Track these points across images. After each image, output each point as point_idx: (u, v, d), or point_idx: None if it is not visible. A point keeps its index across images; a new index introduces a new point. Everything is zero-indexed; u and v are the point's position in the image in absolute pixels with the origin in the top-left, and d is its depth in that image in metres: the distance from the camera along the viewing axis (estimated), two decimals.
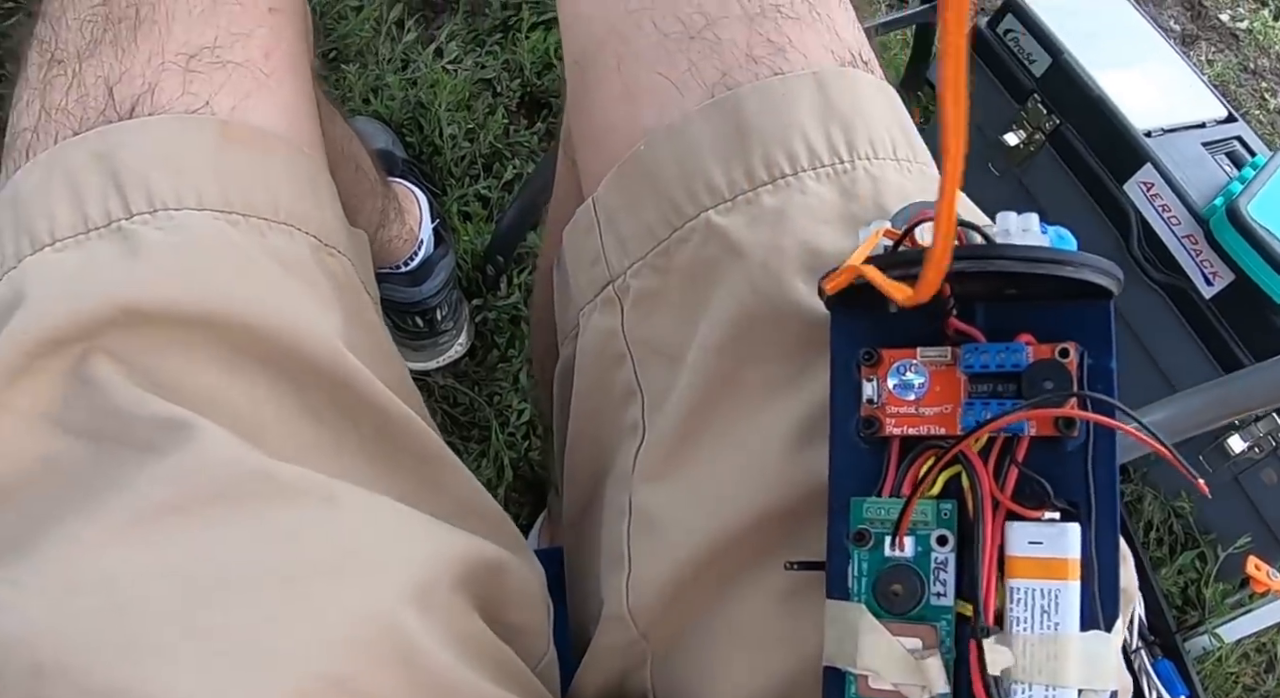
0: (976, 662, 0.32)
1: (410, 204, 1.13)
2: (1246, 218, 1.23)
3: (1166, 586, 1.38)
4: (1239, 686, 1.36)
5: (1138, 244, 1.33)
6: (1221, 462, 1.32)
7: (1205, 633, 1.31)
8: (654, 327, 0.47)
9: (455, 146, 1.35)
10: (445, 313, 1.18)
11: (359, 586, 0.39)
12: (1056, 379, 0.32)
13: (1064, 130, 1.39)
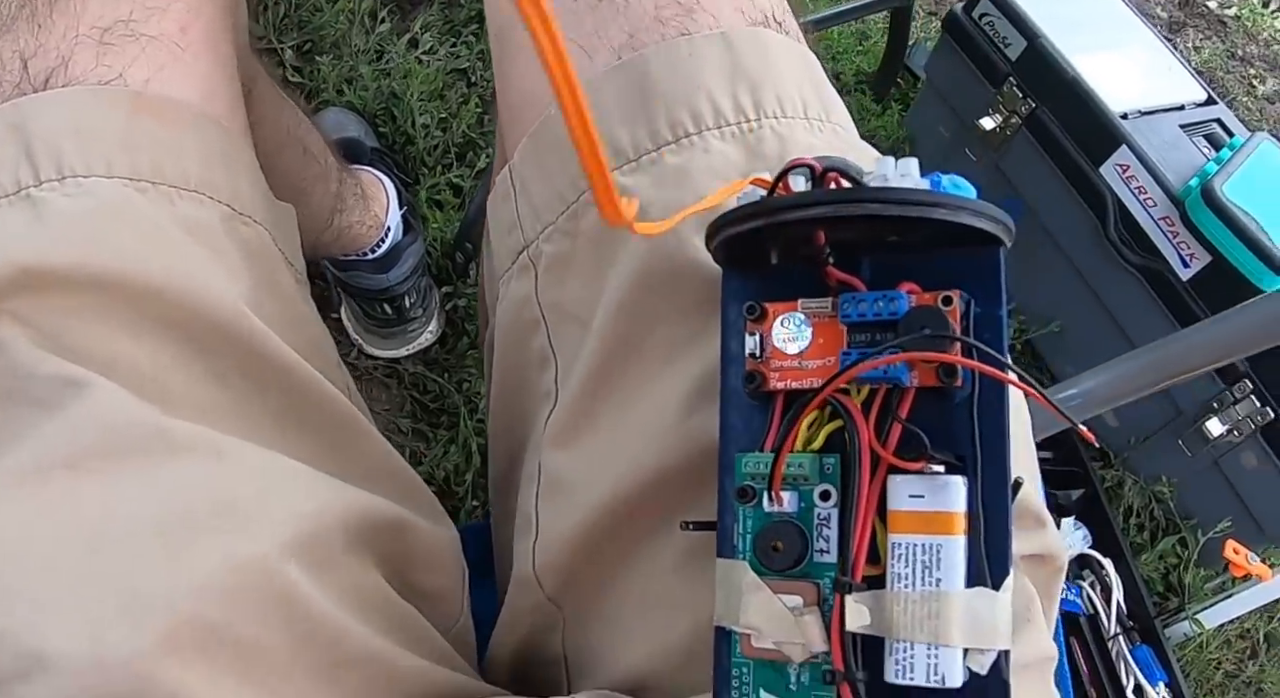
0: (837, 619, 0.31)
1: (376, 191, 1.13)
2: (1222, 199, 1.22)
3: (1147, 571, 1.37)
4: (1220, 672, 1.35)
5: (1114, 227, 1.32)
6: (1201, 445, 1.31)
7: (1186, 619, 1.30)
8: (565, 291, 0.47)
9: (428, 136, 1.35)
10: (414, 300, 1.17)
11: (239, 536, 0.38)
12: (934, 326, 0.31)
13: (1040, 114, 1.38)
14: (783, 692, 0.34)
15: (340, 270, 1.13)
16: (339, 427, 0.49)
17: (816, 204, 0.31)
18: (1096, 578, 1.28)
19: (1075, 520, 1.31)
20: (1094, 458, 1.43)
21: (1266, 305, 0.59)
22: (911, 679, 0.31)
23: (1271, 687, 1.36)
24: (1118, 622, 1.24)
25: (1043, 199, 1.41)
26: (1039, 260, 1.45)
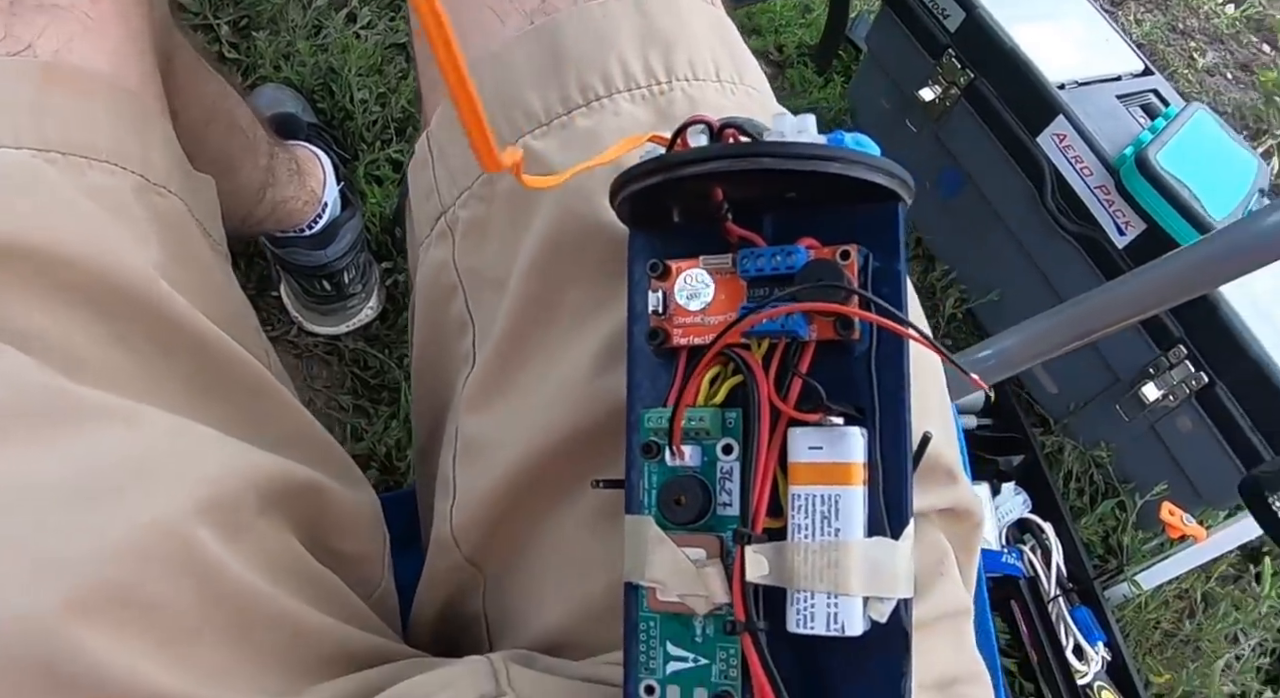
0: (738, 570, 0.31)
1: (312, 167, 1.11)
2: (1155, 167, 1.24)
3: (1087, 535, 1.39)
4: (1159, 630, 1.38)
5: (1051, 196, 1.33)
6: (1138, 410, 1.34)
7: (1125, 581, 1.33)
8: (482, 256, 0.47)
9: (366, 111, 1.33)
10: (353, 276, 1.16)
11: (148, 499, 0.38)
12: (829, 279, 0.32)
13: (978, 84, 1.39)
14: (689, 644, 0.34)
15: (278, 247, 1.12)
16: (253, 393, 0.48)
17: (712, 159, 0.31)
18: (1037, 542, 1.30)
19: (1015, 486, 1.33)
20: (1034, 424, 1.45)
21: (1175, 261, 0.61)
22: (812, 629, 0.31)
23: (1209, 644, 1.39)
24: (1057, 584, 1.26)
25: (982, 169, 1.43)
26: (978, 230, 1.47)
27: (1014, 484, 1.33)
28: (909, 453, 0.33)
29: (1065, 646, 1.22)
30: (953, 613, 0.43)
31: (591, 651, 0.41)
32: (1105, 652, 1.25)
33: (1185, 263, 0.60)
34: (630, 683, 0.35)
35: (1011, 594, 1.25)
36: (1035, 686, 1.21)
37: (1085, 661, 1.22)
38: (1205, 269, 0.58)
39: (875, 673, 0.32)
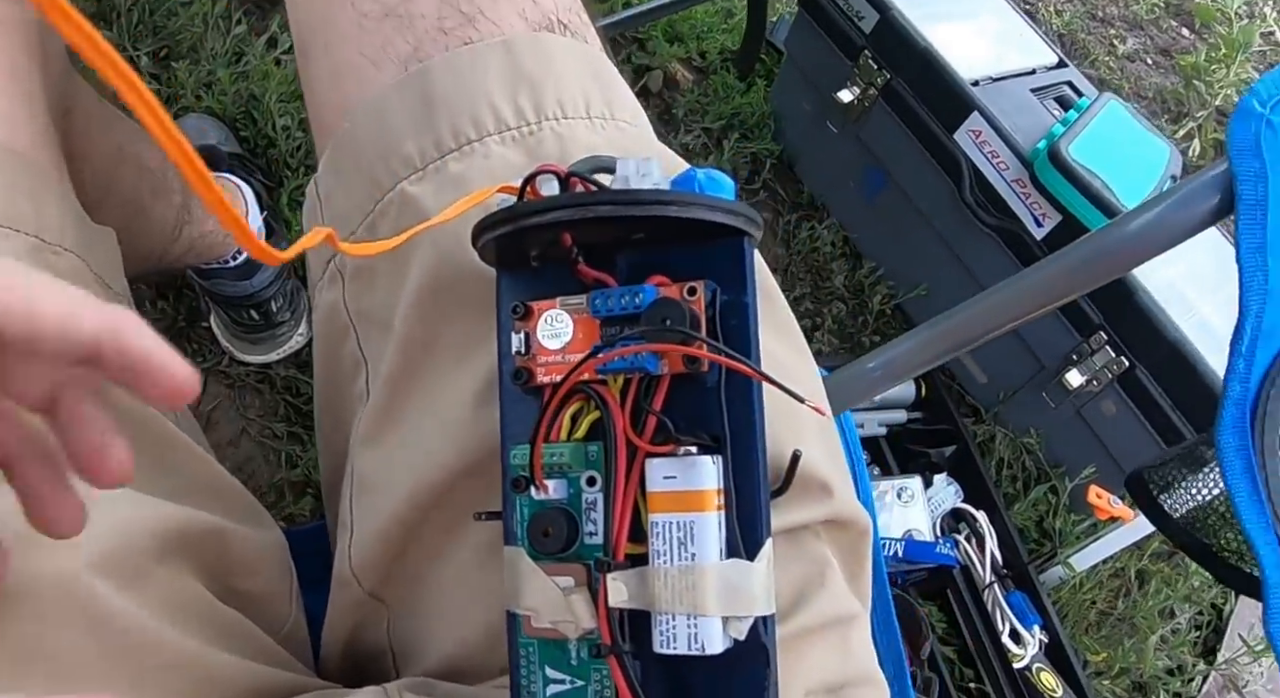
0: (603, 596, 0.33)
1: (234, 198, 1.12)
2: (1067, 159, 1.27)
3: (1021, 520, 1.42)
4: (1094, 610, 1.41)
5: (970, 190, 1.36)
6: (1063, 396, 1.37)
7: (1059, 563, 1.36)
8: (369, 298, 0.48)
9: (289, 137, 1.34)
10: (280, 304, 1.17)
11: (44, 555, 0.39)
12: (673, 316, 0.33)
13: (895, 84, 1.42)
14: (566, 668, 0.36)
15: (204, 279, 1.12)
16: (159, 445, 0.49)
17: (553, 209, 0.33)
18: (971, 530, 1.32)
19: (948, 476, 1.36)
20: (966, 414, 1.48)
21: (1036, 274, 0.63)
22: (675, 649, 0.33)
23: (1144, 621, 1.42)
24: (992, 571, 1.29)
25: (902, 167, 1.45)
26: (903, 227, 1.50)
27: (946, 475, 1.36)
28: (762, 478, 0.35)
29: (1001, 631, 1.24)
30: (836, 621, 0.45)
31: (487, 675, 0.43)
32: (1042, 634, 1.28)
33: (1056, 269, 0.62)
34: None
35: (947, 583, 1.27)
36: (974, 672, 1.24)
37: (1022, 644, 1.25)
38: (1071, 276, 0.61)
39: (739, 688, 0.34)
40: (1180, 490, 0.77)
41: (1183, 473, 0.77)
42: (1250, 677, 1.50)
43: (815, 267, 1.58)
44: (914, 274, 1.53)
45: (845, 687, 0.45)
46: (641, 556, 0.34)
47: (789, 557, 0.43)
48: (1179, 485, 0.77)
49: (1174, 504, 0.76)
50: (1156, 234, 0.57)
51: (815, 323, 1.54)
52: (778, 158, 1.63)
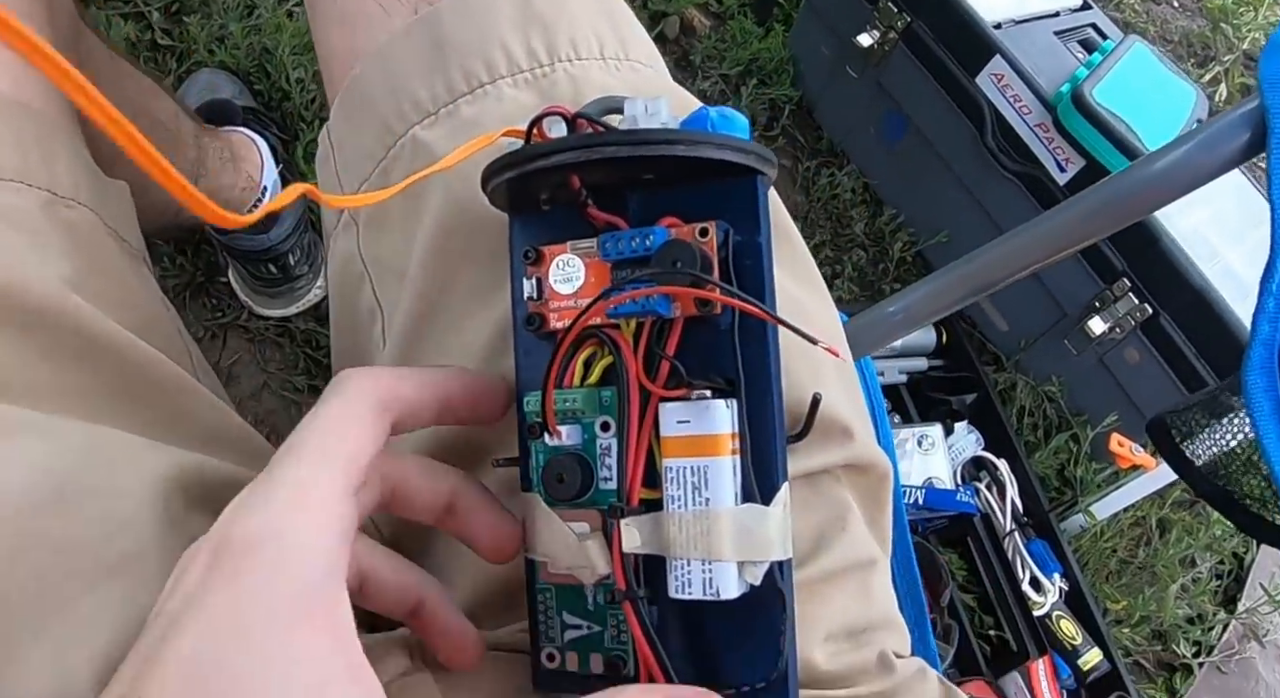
0: (617, 542, 0.33)
1: (248, 152, 1.11)
2: (1091, 102, 1.25)
3: (1042, 469, 1.42)
4: (1115, 558, 1.41)
5: (992, 135, 1.34)
6: (1086, 344, 1.36)
7: (1080, 512, 1.35)
8: (383, 245, 0.48)
9: (304, 91, 1.33)
10: (298, 257, 1.17)
11: (69, 520, 0.39)
12: (684, 258, 0.33)
13: (915, 28, 1.40)
14: (583, 613, 0.36)
15: (221, 234, 1.12)
16: (174, 397, 0.49)
17: (558, 151, 0.32)
18: (991, 479, 1.32)
19: (968, 424, 1.35)
20: (987, 362, 1.47)
21: (1058, 216, 0.62)
22: (690, 594, 0.33)
23: (1165, 569, 1.42)
24: (1013, 519, 1.29)
25: (923, 112, 1.44)
26: (924, 173, 1.48)
27: (967, 423, 1.36)
28: (778, 422, 0.34)
29: (1021, 578, 1.24)
30: (857, 565, 0.45)
31: (506, 622, 0.43)
32: (1062, 582, 1.28)
33: (1080, 209, 0.61)
34: (534, 652, 0.37)
35: (967, 531, 1.27)
36: (994, 619, 1.24)
37: (1042, 592, 1.25)
38: (1094, 218, 0.60)
39: (756, 633, 0.34)
40: (1203, 438, 0.76)
41: (1205, 420, 0.76)
42: (1271, 626, 1.50)
43: (835, 214, 1.57)
44: (935, 221, 1.52)
45: (866, 630, 0.45)
46: (656, 501, 0.34)
47: (809, 501, 0.43)
48: (1202, 433, 0.76)
49: (1197, 452, 0.76)
50: (1183, 174, 0.56)
51: (835, 270, 1.53)
52: (797, 104, 1.61)
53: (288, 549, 0.29)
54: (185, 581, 0.29)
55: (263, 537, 0.29)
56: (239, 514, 0.30)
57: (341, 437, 0.33)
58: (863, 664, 0.44)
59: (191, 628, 0.28)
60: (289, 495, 0.30)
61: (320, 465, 0.31)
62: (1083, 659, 1.26)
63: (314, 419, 0.33)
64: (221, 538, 0.29)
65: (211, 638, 0.27)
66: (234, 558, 0.29)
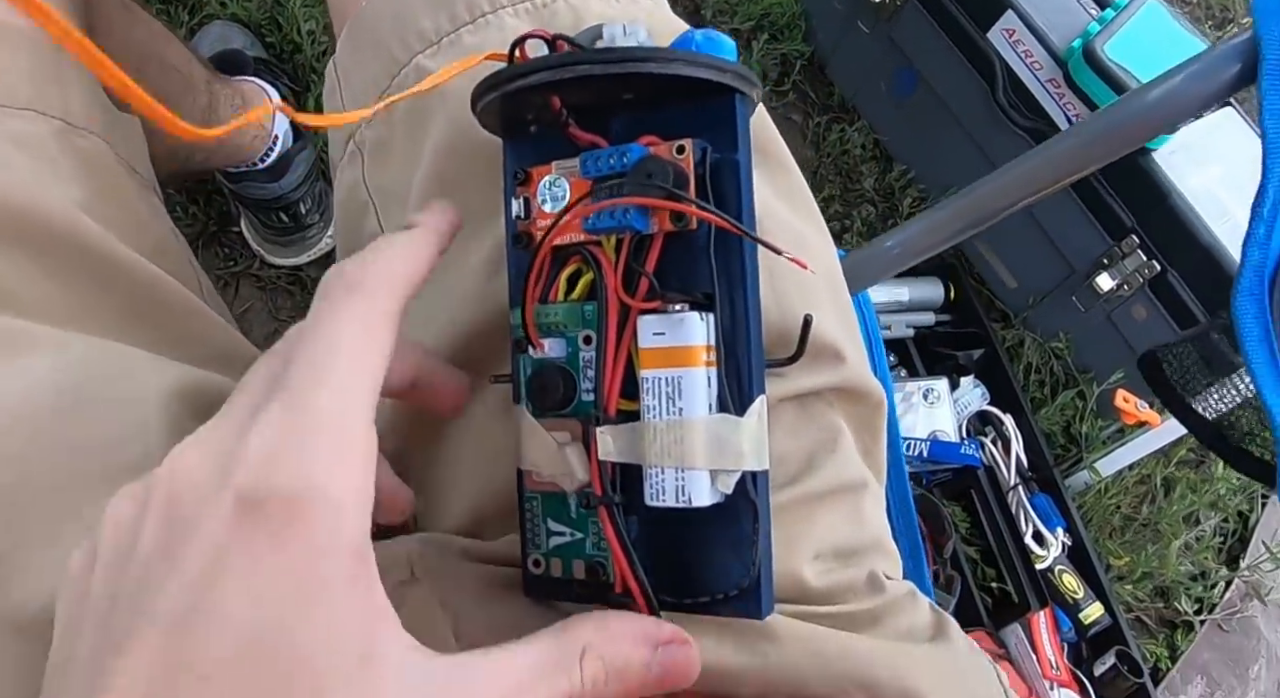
0: (594, 449, 0.34)
1: (260, 101, 1.12)
2: (1103, 58, 1.24)
3: (1048, 425, 1.42)
4: (1119, 515, 1.42)
5: (1003, 91, 1.34)
6: (1094, 300, 1.36)
7: (1084, 468, 1.36)
8: (387, 173, 0.49)
9: (314, 42, 1.34)
10: (310, 206, 1.18)
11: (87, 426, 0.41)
12: (658, 172, 0.34)
13: None
14: (566, 521, 0.37)
15: (232, 183, 1.14)
16: (183, 318, 0.51)
17: (535, 71, 0.33)
18: (997, 433, 1.33)
19: (974, 379, 1.36)
20: (995, 319, 1.47)
21: (1054, 146, 0.63)
22: (664, 501, 0.34)
23: (1168, 527, 1.43)
24: (1017, 473, 1.30)
25: (934, 67, 1.43)
26: (933, 128, 1.48)
27: (973, 377, 1.36)
28: (754, 336, 0.35)
29: (1024, 532, 1.26)
30: (848, 487, 0.46)
31: (503, 531, 0.44)
32: (1065, 537, 1.29)
33: (1074, 141, 0.62)
34: (522, 558, 0.38)
35: (971, 484, 1.28)
36: (996, 571, 1.25)
37: (1045, 546, 1.27)
38: (1088, 148, 0.60)
39: (731, 543, 0.35)
40: (1212, 395, 0.76)
41: (1209, 375, 0.77)
42: (1274, 584, 1.51)
43: (845, 169, 1.57)
44: (944, 176, 1.51)
45: (856, 552, 0.46)
46: (635, 413, 0.35)
47: (800, 423, 0.44)
48: (1209, 390, 0.77)
49: (1208, 408, 0.76)
50: (1175, 104, 0.56)
51: (844, 225, 1.53)
52: (808, 59, 1.61)
53: (336, 509, 0.27)
54: (208, 532, 0.27)
55: (309, 494, 0.27)
56: (274, 464, 0.27)
57: (370, 350, 0.31)
58: (851, 583, 0.45)
59: (237, 593, 0.26)
60: (328, 442, 0.28)
61: (353, 394, 0.29)
62: (1084, 613, 1.27)
63: (337, 324, 0.31)
64: (254, 490, 0.27)
65: (268, 606, 0.26)
66: (278, 518, 0.27)
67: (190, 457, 0.29)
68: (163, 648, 0.26)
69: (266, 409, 0.28)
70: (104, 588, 0.29)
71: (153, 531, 0.28)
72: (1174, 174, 1.26)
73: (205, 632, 0.26)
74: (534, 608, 0.40)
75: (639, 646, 0.32)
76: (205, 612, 0.26)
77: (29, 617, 0.37)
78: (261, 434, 0.27)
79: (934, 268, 1.43)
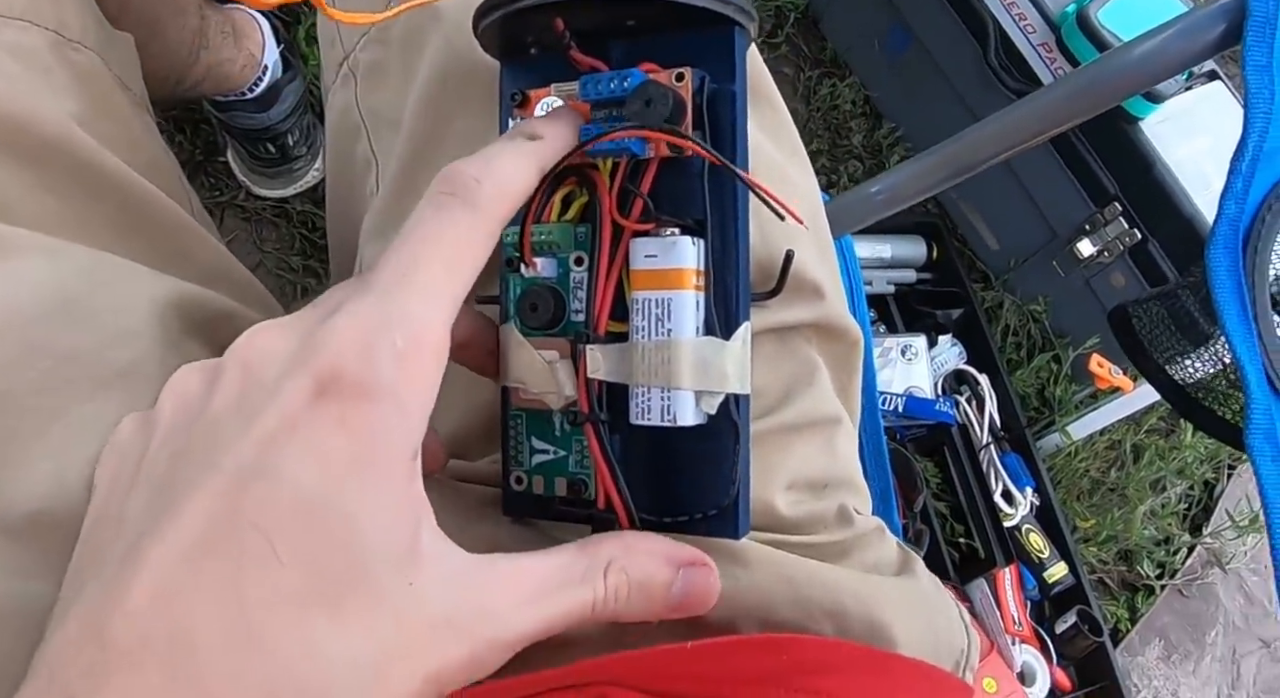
0: (583, 366, 0.35)
1: (250, 29, 1.11)
2: (1096, 24, 1.25)
3: (1023, 387, 1.44)
4: (1087, 478, 1.44)
5: (995, 53, 1.34)
6: (1074, 266, 1.37)
7: (1056, 431, 1.38)
8: (381, 96, 0.49)
9: None
10: (297, 138, 1.18)
11: (75, 332, 0.41)
12: (657, 99, 0.34)
13: None
14: (550, 438, 0.38)
15: (220, 111, 1.13)
16: (174, 234, 0.51)
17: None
18: (972, 392, 1.35)
19: (952, 338, 1.38)
20: (975, 279, 1.49)
21: (1038, 99, 0.64)
22: (649, 420, 0.35)
23: (1135, 492, 1.45)
24: (989, 432, 1.32)
25: (928, 27, 1.43)
26: (924, 88, 1.48)
27: (951, 336, 1.38)
28: (742, 263, 0.36)
29: (994, 490, 1.28)
30: (822, 421, 0.46)
31: (485, 453, 0.45)
32: (1034, 497, 1.31)
33: (1058, 94, 0.63)
34: (504, 475, 0.39)
35: (944, 441, 1.30)
36: (965, 527, 1.28)
37: (1014, 504, 1.29)
38: (1072, 101, 0.61)
39: (711, 464, 0.36)
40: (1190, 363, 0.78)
41: (1177, 336, 0.78)
42: (1235, 552, 1.54)
43: (834, 125, 1.57)
44: (933, 136, 1.49)
45: (828, 485, 0.46)
46: (624, 335, 0.36)
47: (778, 356, 0.45)
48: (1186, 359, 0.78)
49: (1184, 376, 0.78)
50: (1159, 61, 0.57)
51: (831, 180, 1.54)
52: (802, 12, 1.60)
53: (403, 409, 0.28)
54: (283, 400, 0.28)
55: (382, 390, 0.28)
56: (354, 352, 0.28)
57: (464, 264, 0.31)
58: (822, 515, 0.46)
59: (304, 460, 0.27)
60: (408, 348, 0.29)
61: (438, 303, 0.30)
62: (1048, 572, 1.29)
63: (440, 231, 0.31)
64: (333, 372, 0.28)
65: (330, 478, 0.27)
66: (350, 403, 0.28)
67: (272, 333, 0.31)
68: (225, 497, 0.27)
69: (354, 300, 0.29)
70: (163, 450, 0.30)
71: (226, 394, 0.29)
72: (1160, 144, 1.27)
73: (268, 489, 0.27)
74: (513, 528, 0.41)
75: (663, 564, 0.33)
76: (271, 471, 0.27)
77: (18, 517, 0.37)
78: (346, 324, 0.28)
79: (917, 227, 1.44)
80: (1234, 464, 1.58)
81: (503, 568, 0.31)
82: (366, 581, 0.27)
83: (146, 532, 0.27)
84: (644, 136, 0.35)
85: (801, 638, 0.41)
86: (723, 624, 0.41)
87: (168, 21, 0.85)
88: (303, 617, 0.26)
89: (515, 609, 0.30)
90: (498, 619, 0.30)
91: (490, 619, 0.30)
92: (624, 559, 0.33)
